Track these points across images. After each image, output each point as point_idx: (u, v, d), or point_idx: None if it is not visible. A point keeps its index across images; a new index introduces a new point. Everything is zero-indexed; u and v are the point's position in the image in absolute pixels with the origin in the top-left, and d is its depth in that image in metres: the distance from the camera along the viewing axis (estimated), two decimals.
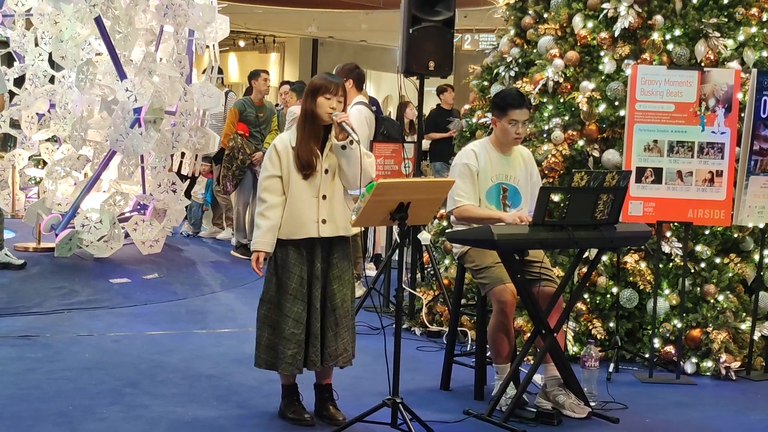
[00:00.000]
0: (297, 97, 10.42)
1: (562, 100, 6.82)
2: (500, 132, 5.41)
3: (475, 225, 5.18)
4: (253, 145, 9.99)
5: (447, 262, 7.16)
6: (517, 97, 5.41)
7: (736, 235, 6.49)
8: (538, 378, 5.28)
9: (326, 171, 4.73)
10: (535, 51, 7.12)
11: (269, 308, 4.79)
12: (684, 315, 6.13)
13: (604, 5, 6.76)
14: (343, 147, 4.67)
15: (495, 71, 7.36)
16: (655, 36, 6.65)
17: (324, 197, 4.72)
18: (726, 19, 6.65)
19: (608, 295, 6.34)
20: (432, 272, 7.23)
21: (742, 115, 6.22)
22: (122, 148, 7.92)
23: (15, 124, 9.91)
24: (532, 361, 5.31)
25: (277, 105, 11.37)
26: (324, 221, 4.71)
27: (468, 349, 6.34)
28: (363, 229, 8.63)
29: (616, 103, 6.60)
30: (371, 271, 9.10)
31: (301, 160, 4.68)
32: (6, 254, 7.97)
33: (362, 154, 4.69)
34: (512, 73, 7.19)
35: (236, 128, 9.91)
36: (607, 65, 6.70)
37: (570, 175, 4.83)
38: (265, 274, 4.82)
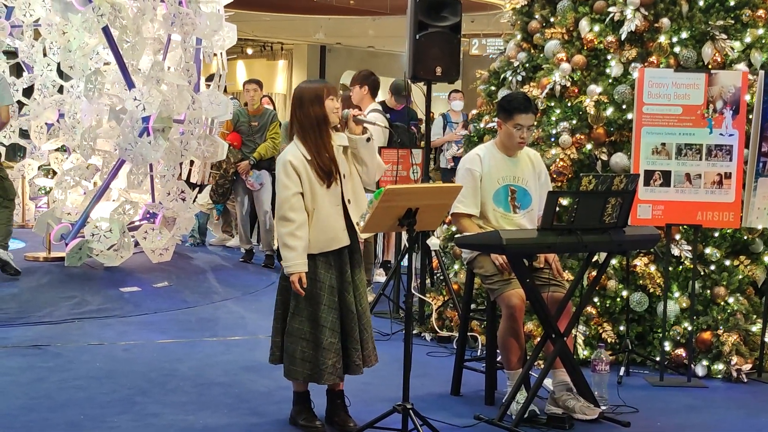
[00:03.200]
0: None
1: (569, 104, 6.81)
2: (504, 135, 5.42)
3: None
4: (240, 153, 10.01)
5: (456, 267, 7.16)
6: (523, 101, 5.41)
7: (745, 237, 6.48)
8: (548, 383, 5.27)
9: (344, 176, 4.74)
10: (542, 55, 7.12)
11: (302, 321, 4.72)
12: (694, 318, 6.12)
13: (611, 9, 6.76)
14: (368, 139, 4.71)
15: (502, 76, 7.37)
16: (662, 39, 6.64)
17: (349, 201, 4.73)
18: (733, 21, 6.65)
19: (618, 299, 6.33)
20: (441, 278, 7.23)
21: (750, 116, 6.21)
22: (131, 157, 7.94)
23: (24, 134, 9.95)
24: (542, 366, 5.31)
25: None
26: (358, 224, 4.70)
27: (478, 354, 6.34)
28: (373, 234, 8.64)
29: (624, 107, 6.59)
30: (381, 277, 9.11)
31: (323, 170, 4.65)
32: (9, 254, 8.06)
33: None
34: (519, 78, 7.19)
35: (226, 138, 9.91)
36: (614, 69, 6.70)
37: (578, 179, 4.83)
38: (289, 287, 4.71)
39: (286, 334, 4.80)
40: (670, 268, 6.25)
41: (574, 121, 6.73)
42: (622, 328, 6.29)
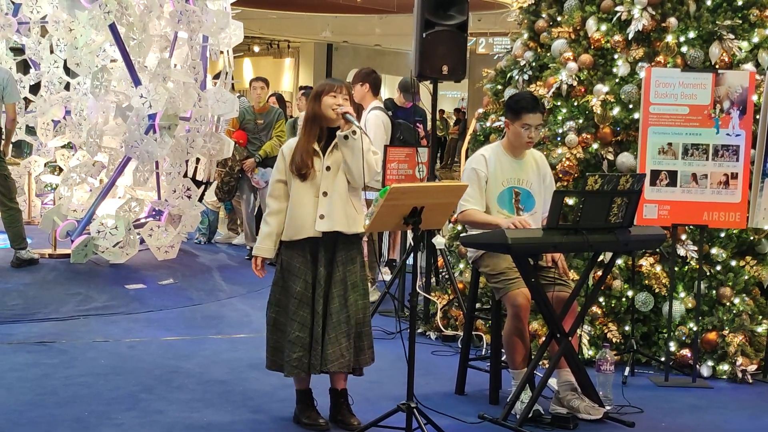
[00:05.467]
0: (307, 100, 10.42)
1: (575, 104, 6.80)
2: (513, 135, 5.41)
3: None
4: (246, 151, 10.05)
5: (461, 266, 7.15)
6: (531, 100, 5.41)
7: (751, 238, 6.46)
8: (553, 382, 5.27)
9: (328, 168, 4.74)
10: (548, 54, 7.11)
11: (277, 311, 4.84)
12: (700, 318, 6.11)
13: (618, 8, 6.74)
14: (346, 137, 4.69)
15: (509, 75, 7.35)
16: (669, 38, 6.63)
17: (324, 194, 4.73)
18: (740, 21, 6.63)
19: (623, 299, 6.32)
20: (446, 276, 7.22)
21: (757, 117, 6.20)
22: (137, 154, 7.95)
23: (31, 130, 9.97)
24: (547, 365, 5.30)
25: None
26: (321, 216, 4.71)
27: (483, 353, 6.34)
28: (378, 233, 8.64)
29: (630, 106, 6.58)
30: (386, 275, 9.10)
31: (294, 162, 4.73)
32: (29, 251, 8.19)
33: (367, 149, 4.72)
34: (526, 77, 7.18)
35: (233, 136, 9.93)
36: (621, 68, 6.69)
37: (584, 178, 4.82)
38: (273, 278, 4.86)
39: (266, 323, 4.90)
40: (676, 269, 6.24)
41: (581, 121, 6.72)
42: (627, 328, 6.28)
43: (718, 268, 6.36)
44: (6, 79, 8.17)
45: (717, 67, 6.48)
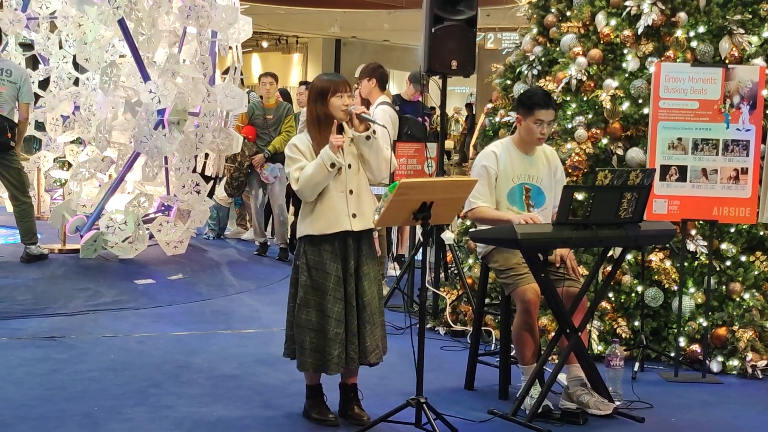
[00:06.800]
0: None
1: (585, 99, 6.79)
2: (524, 131, 5.39)
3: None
4: (255, 146, 10.03)
5: (471, 261, 7.15)
6: (543, 96, 5.39)
7: (761, 233, 6.44)
8: (563, 377, 5.26)
9: (349, 166, 4.74)
10: (558, 49, 7.10)
11: (308, 312, 4.74)
12: (709, 313, 6.10)
13: (627, 3, 6.72)
14: (368, 138, 4.68)
15: (518, 70, 7.34)
16: (679, 33, 6.61)
17: (351, 192, 4.73)
18: (750, 16, 6.61)
19: (633, 294, 6.31)
20: (456, 272, 7.22)
21: (767, 111, 6.18)
22: (146, 150, 7.95)
23: (40, 126, 9.99)
24: (556, 361, 5.30)
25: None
26: (354, 215, 4.72)
27: (492, 348, 6.33)
28: (386, 228, 8.64)
29: (640, 101, 6.57)
30: (395, 270, 9.10)
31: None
32: (39, 247, 8.22)
33: (382, 145, 4.74)
34: (535, 72, 7.17)
35: (242, 131, 9.92)
36: (631, 63, 6.67)
37: (594, 173, 4.81)
38: (298, 278, 4.79)
39: (294, 325, 4.82)
40: (686, 264, 6.23)
41: (590, 116, 6.71)
42: (636, 323, 6.27)
43: (728, 263, 6.35)
44: (23, 79, 8.19)
45: (727, 61, 6.46)
